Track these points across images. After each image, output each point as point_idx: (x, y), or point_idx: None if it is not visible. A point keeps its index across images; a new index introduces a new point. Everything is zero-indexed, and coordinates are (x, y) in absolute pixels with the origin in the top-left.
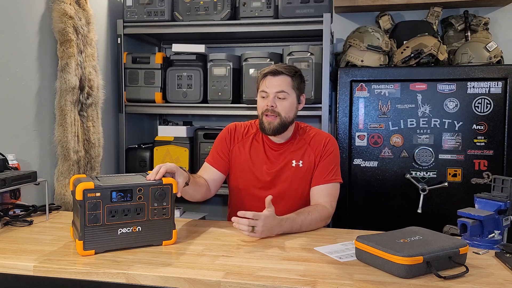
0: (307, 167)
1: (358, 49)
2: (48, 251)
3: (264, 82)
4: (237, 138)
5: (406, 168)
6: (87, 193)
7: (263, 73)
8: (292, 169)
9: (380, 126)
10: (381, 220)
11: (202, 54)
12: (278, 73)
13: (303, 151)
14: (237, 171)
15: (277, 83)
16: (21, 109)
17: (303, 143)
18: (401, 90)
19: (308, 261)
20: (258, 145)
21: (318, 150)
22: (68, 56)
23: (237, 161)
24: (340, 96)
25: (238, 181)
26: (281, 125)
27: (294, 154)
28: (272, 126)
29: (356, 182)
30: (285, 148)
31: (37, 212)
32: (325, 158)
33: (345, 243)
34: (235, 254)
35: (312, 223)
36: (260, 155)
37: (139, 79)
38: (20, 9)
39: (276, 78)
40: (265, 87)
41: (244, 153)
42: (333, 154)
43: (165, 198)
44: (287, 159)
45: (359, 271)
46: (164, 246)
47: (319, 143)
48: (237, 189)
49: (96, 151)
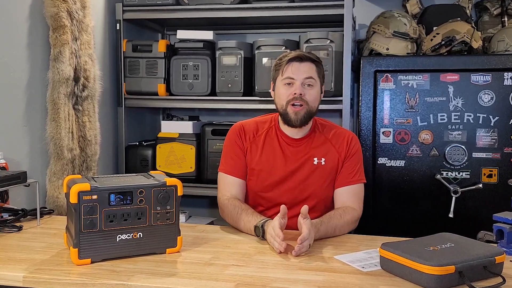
0: (331, 166)
1: (383, 36)
2: (39, 259)
3: (289, 68)
4: (248, 137)
5: (436, 168)
6: (82, 196)
7: (288, 59)
8: (314, 167)
9: (408, 121)
10: (409, 226)
11: (210, 42)
12: (305, 58)
13: (325, 148)
14: (251, 172)
15: (305, 69)
16: (10, 103)
17: (324, 140)
18: (430, 82)
19: (327, 271)
20: (272, 142)
21: (342, 149)
22: (62, 44)
23: (251, 162)
24: (363, 88)
25: (253, 182)
26: (308, 114)
27: (316, 151)
28: (299, 116)
29: (380, 183)
30: (305, 144)
31: (27, 216)
32: (350, 158)
33: (368, 251)
34: (247, 263)
35: (345, 226)
36: (276, 151)
37: (140, 69)
38: None
39: (303, 64)
40: (291, 73)
41: (258, 152)
42: (357, 153)
43: (169, 201)
44: (308, 155)
45: (384, 282)
46: (168, 254)
47: (343, 142)
48: (251, 191)
49: (92, 149)
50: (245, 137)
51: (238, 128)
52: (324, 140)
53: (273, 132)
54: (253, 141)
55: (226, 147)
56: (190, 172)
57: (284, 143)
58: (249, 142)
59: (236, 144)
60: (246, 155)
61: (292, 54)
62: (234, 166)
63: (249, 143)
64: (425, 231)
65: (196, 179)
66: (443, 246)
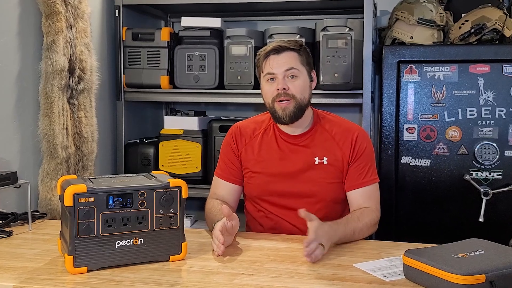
0: (335, 166)
1: (406, 23)
2: (31, 268)
3: (267, 63)
4: (244, 140)
5: (465, 168)
6: (78, 198)
7: (265, 53)
8: (316, 166)
9: (434, 116)
10: (435, 231)
11: (217, 30)
12: (281, 49)
13: (327, 146)
14: (249, 175)
15: (284, 61)
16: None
17: (326, 136)
18: (458, 73)
19: (346, 280)
20: (269, 141)
21: (346, 147)
22: (55, 32)
23: (248, 164)
24: (385, 80)
25: (251, 186)
26: (297, 108)
27: (316, 149)
28: (288, 112)
29: (404, 184)
30: (304, 141)
31: (18, 221)
32: (358, 157)
33: (391, 259)
34: (258, 272)
35: (364, 229)
36: (273, 151)
37: (141, 60)
38: None
39: (281, 56)
40: (270, 68)
41: (254, 153)
42: (366, 152)
43: (173, 204)
44: (308, 154)
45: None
46: (172, 262)
47: (347, 139)
48: (251, 195)
49: (89, 147)
50: (241, 140)
51: (234, 130)
52: (326, 137)
53: (270, 131)
54: (249, 143)
55: (221, 150)
56: (196, 172)
57: (282, 141)
58: (244, 144)
59: (229, 147)
60: (241, 159)
61: (269, 47)
62: (225, 170)
63: (244, 145)
64: (453, 236)
65: (202, 180)
66: (472, 253)
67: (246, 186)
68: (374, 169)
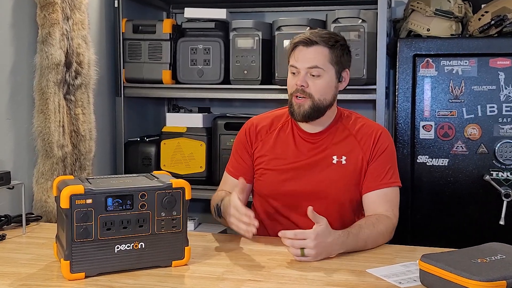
0: (354, 166)
1: (423, 14)
2: (25, 274)
3: (293, 54)
4: (259, 136)
5: (485, 168)
6: (75, 200)
7: (294, 43)
8: (333, 166)
9: (452, 113)
10: (453, 234)
11: (222, 21)
12: (311, 42)
13: (347, 145)
14: (261, 172)
15: (310, 56)
16: None
17: (346, 134)
18: (478, 68)
19: (358, 286)
20: (286, 137)
21: (368, 145)
22: (51, 24)
23: (261, 161)
24: (400, 75)
25: (263, 183)
26: (313, 109)
27: (336, 148)
28: (302, 110)
29: (420, 185)
30: (323, 139)
31: (11, 224)
32: (378, 157)
33: (406, 264)
34: (265, 278)
35: (379, 237)
36: (289, 148)
37: (142, 54)
38: None
39: (309, 50)
40: (295, 61)
41: (268, 150)
42: (388, 151)
43: (176, 206)
44: (326, 153)
45: None
46: (174, 267)
47: (369, 137)
48: (261, 193)
49: (86, 145)
50: (256, 136)
51: (249, 126)
52: (347, 135)
53: (288, 127)
54: (264, 139)
55: (234, 145)
56: (200, 173)
57: (300, 138)
58: (259, 141)
59: (241, 144)
60: (254, 155)
61: (299, 37)
62: (236, 167)
63: (260, 142)
64: (472, 240)
65: (206, 180)
66: (492, 258)
67: (256, 183)
68: (396, 172)
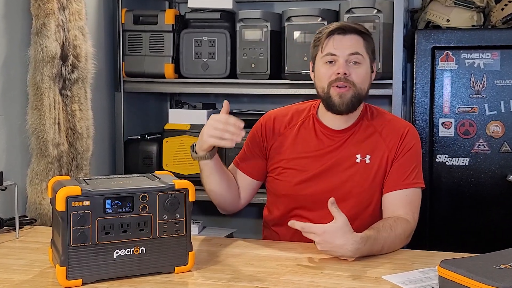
0: (378, 165)
1: (442, 4)
2: (18, 281)
3: (330, 43)
4: (277, 132)
5: (508, 168)
6: (71, 202)
7: (329, 31)
8: (357, 166)
9: (473, 110)
10: (474, 238)
11: (229, 12)
12: (348, 30)
13: (372, 142)
14: (279, 170)
15: (350, 43)
16: None
17: (372, 131)
18: (501, 61)
19: None
20: (307, 134)
21: (394, 143)
22: (46, 14)
23: (279, 159)
24: (417, 68)
25: (281, 183)
26: (355, 98)
27: (360, 146)
28: (345, 100)
29: (439, 186)
30: (347, 137)
31: (4, 227)
32: (403, 154)
33: (424, 270)
34: (274, 284)
35: (396, 242)
36: (310, 145)
37: (142, 46)
38: None
39: (347, 37)
40: (333, 49)
41: (288, 147)
42: (413, 150)
43: (178, 208)
44: (349, 151)
45: None
46: (177, 274)
47: (395, 134)
48: (279, 193)
49: (84, 144)
50: (273, 132)
51: (266, 119)
52: (372, 132)
53: (310, 123)
54: (283, 135)
55: (248, 137)
56: None
57: (322, 135)
58: (278, 136)
59: (255, 139)
60: (270, 152)
61: (333, 26)
62: (245, 161)
63: (277, 137)
64: (494, 245)
65: None
66: None
67: (273, 183)
68: (420, 172)
